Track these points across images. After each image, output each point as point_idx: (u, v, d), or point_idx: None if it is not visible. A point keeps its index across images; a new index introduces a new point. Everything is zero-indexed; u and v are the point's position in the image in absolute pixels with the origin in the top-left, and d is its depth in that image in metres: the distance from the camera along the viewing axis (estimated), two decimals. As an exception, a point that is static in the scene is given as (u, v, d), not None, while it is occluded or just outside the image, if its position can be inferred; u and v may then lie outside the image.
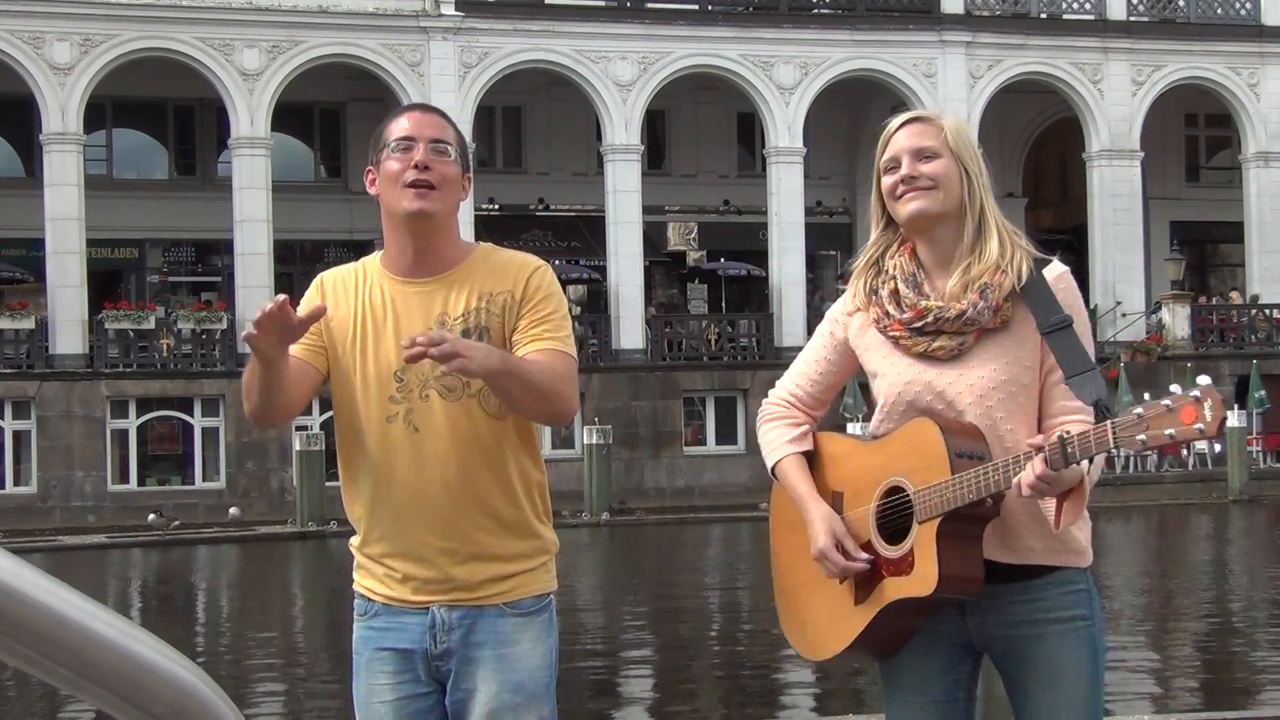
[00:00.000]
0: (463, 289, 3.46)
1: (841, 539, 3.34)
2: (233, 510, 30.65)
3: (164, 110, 37.31)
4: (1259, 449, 34.76)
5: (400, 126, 3.47)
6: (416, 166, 3.41)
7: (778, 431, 3.54)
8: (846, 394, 31.81)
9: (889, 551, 3.30)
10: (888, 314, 3.36)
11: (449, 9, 33.78)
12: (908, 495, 3.27)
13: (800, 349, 3.11)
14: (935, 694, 3.40)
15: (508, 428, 3.45)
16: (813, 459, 3.51)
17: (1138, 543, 25.20)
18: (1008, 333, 3.30)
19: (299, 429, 28.77)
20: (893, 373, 3.36)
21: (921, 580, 3.23)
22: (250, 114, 32.89)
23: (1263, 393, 33.88)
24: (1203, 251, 43.90)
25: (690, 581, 21.02)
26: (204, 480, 32.15)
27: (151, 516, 29.75)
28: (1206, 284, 42.56)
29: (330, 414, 3.74)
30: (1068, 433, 3.07)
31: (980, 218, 3.35)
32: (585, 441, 29.96)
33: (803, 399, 3.55)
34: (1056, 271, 3.34)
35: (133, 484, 31.74)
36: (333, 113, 38.12)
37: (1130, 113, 37.30)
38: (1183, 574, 20.19)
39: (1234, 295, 39.46)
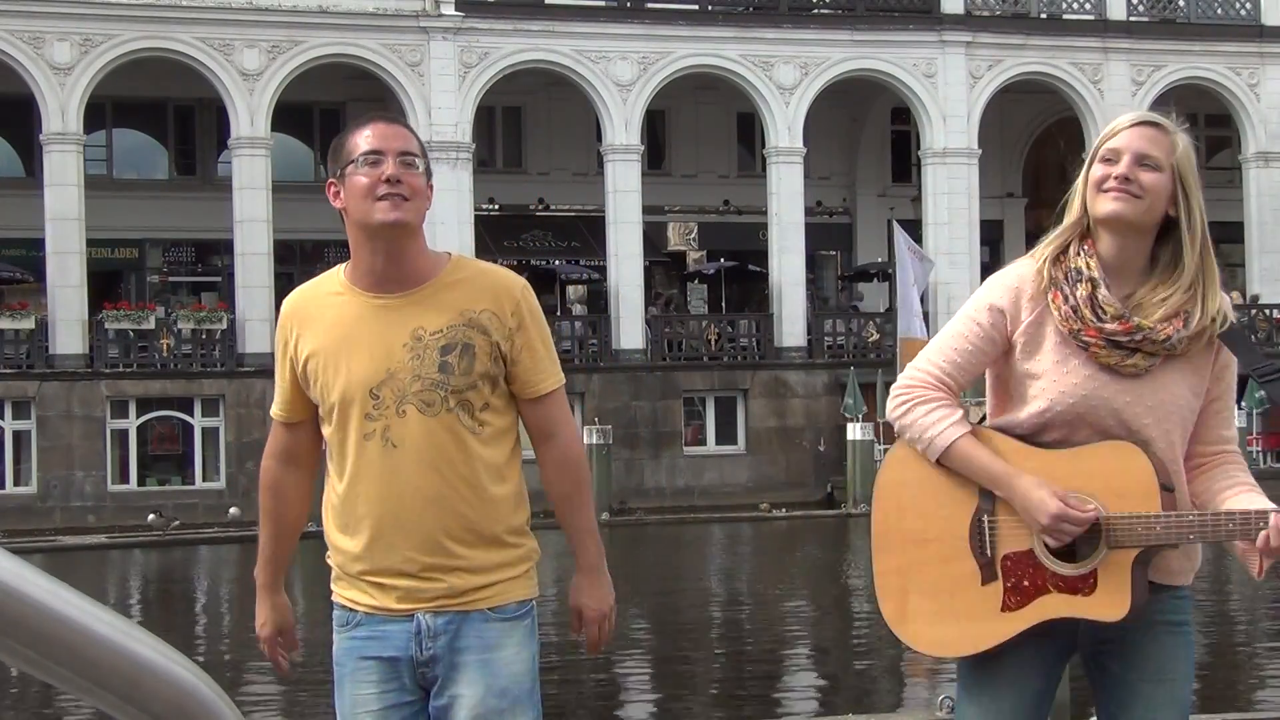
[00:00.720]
0: (439, 304, 3.42)
1: (1066, 498, 3.20)
2: (233, 510, 30.64)
3: (164, 110, 37.30)
4: (1259, 449, 34.76)
5: (366, 139, 3.41)
6: (387, 180, 3.36)
7: (941, 411, 3.31)
8: (848, 394, 31.82)
9: (1058, 566, 3.24)
10: (1080, 317, 3.24)
11: (449, 9, 33.77)
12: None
13: (800, 349, 3.10)
14: (1031, 694, 3.38)
15: (486, 440, 3.43)
16: None
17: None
18: (1187, 358, 3.28)
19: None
20: (1067, 381, 3.26)
21: (1110, 606, 3.21)
22: (250, 114, 32.89)
23: (1263, 392, 33.87)
24: (1203, 251, 43.88)
25: (691, 581, 21.01)
26: (204, 480, 32.14)
27: (151, 516, 29.74)
28: (1206, 284, 42.54)
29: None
30: None
31: (1202, 249, 3.28)
32: (585, 441, 29.95)
33: (950, 382, 3.34)
34: (1230, 304, 3.36)
35: (133, 484, 31.72)
36: (333, 113, 38.07)
37: (1130, 113, 37.26)
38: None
39: (1234, 295, 39.46)
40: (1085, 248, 3.29)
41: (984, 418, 3.44)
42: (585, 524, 3.55)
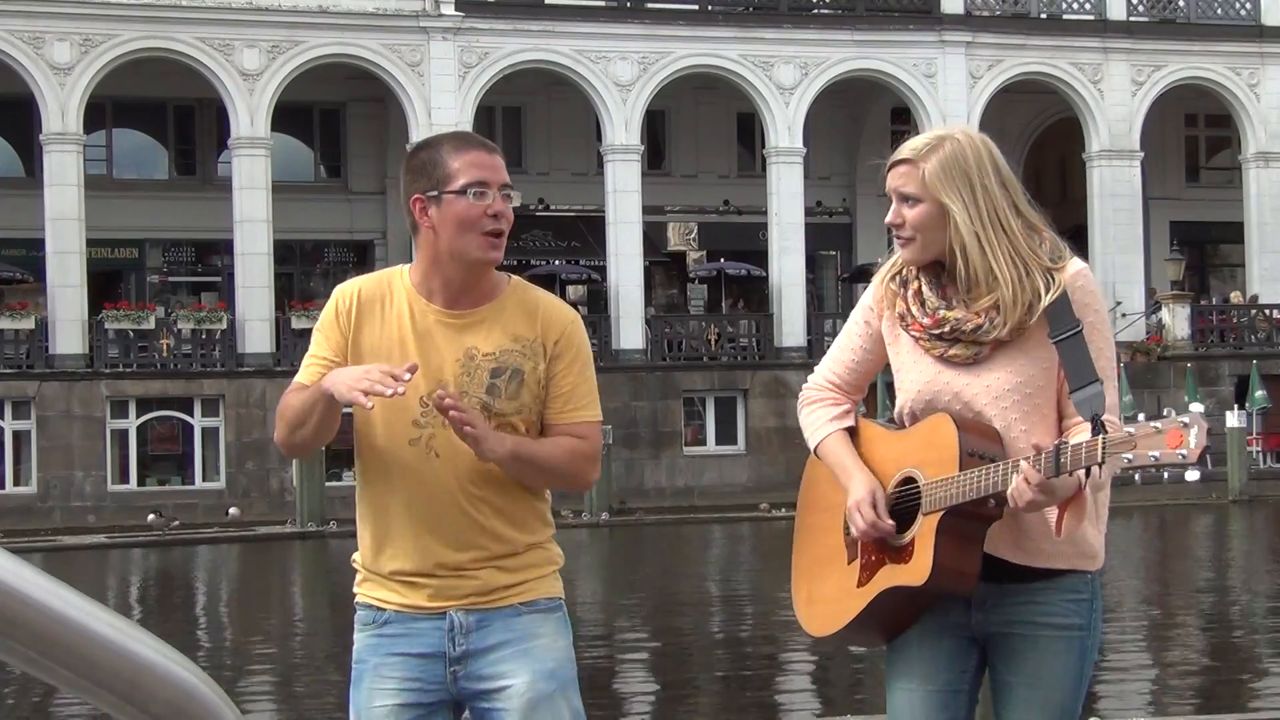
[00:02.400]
0: (494, 327, 3.48)
1: (878, 502, 3.37)
2: (233, 510, 30.66)
3: (164, 110, 37.31)
4: (1259, 449, 34.76)
5: (471, 168, 3.43)
6: (494, 216, 3.42)
7: (822, 411, 3.56)
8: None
9: (893, 539, 3.36)
10: (911, 314, 3.40)
11: (449, 9, 33.77)
12: (919, 486, 3.33)
13: (800, 349, 3.15)
14: (940, 683, 3.44)
15: None
16: (853, 440, 3.56)
17: (1138, 543, 25.19)
18: (1026, 337, 3.33)
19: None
20: (915, 371, 3.41)
21: (916, 571, 3.29)
22: (250, 114, 32.90)
23: (1263, 392, 33.89)
24: (1203, 251, 43.89)
25: (690, 582, 21.03)
26: (204, 480, 32.15)
27: (151, 516, 29.75)
28: (1206, 284, 42.55)
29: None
30: (1064, 442, 3.11)
31: (980, 255, 3.31)
32: (585, 441, 29.91)
33: (841, 385, 3.59)
34: (1072, 270, 3.36)
35: (133, 484, 31.73)
36: (333, 113, 38.11)
37: (1130, 113, 37.29)
38: (1182, 575, 20.19)
39: (1234, 295, 39.45)
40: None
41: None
42: (542, 449, 3.44)
